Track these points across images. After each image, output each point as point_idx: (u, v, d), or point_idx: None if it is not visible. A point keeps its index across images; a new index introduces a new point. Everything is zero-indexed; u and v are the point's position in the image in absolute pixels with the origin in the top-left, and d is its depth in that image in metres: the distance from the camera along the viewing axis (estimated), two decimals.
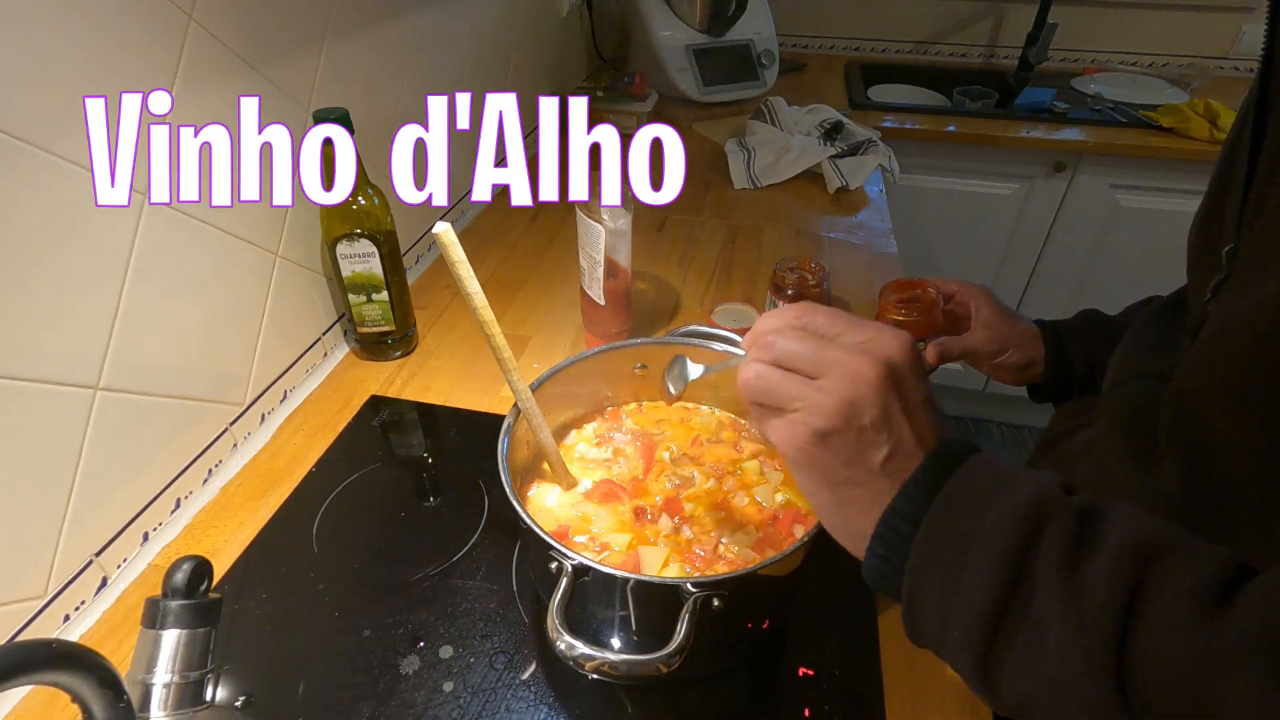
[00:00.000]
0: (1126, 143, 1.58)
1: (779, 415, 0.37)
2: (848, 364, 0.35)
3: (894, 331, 0.37)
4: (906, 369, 0.36)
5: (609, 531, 0.56)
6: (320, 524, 0.66)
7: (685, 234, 1.15)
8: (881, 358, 0.35)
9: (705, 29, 1.64)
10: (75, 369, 0.55)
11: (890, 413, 0.35)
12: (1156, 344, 0.56)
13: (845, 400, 0.35)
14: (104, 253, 0.56)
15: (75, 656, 0.29)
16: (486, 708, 0.52)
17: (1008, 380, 0.75)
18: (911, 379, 0.36)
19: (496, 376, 0.83)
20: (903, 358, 0.36)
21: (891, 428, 0.35)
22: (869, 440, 0.35)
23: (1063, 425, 0.68)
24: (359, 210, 0.76)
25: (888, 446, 0.35)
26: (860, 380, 0.35)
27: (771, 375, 0.37)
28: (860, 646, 0.56)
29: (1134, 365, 0.56)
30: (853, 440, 0.35)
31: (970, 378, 2.01)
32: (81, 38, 0.52)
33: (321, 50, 0.78)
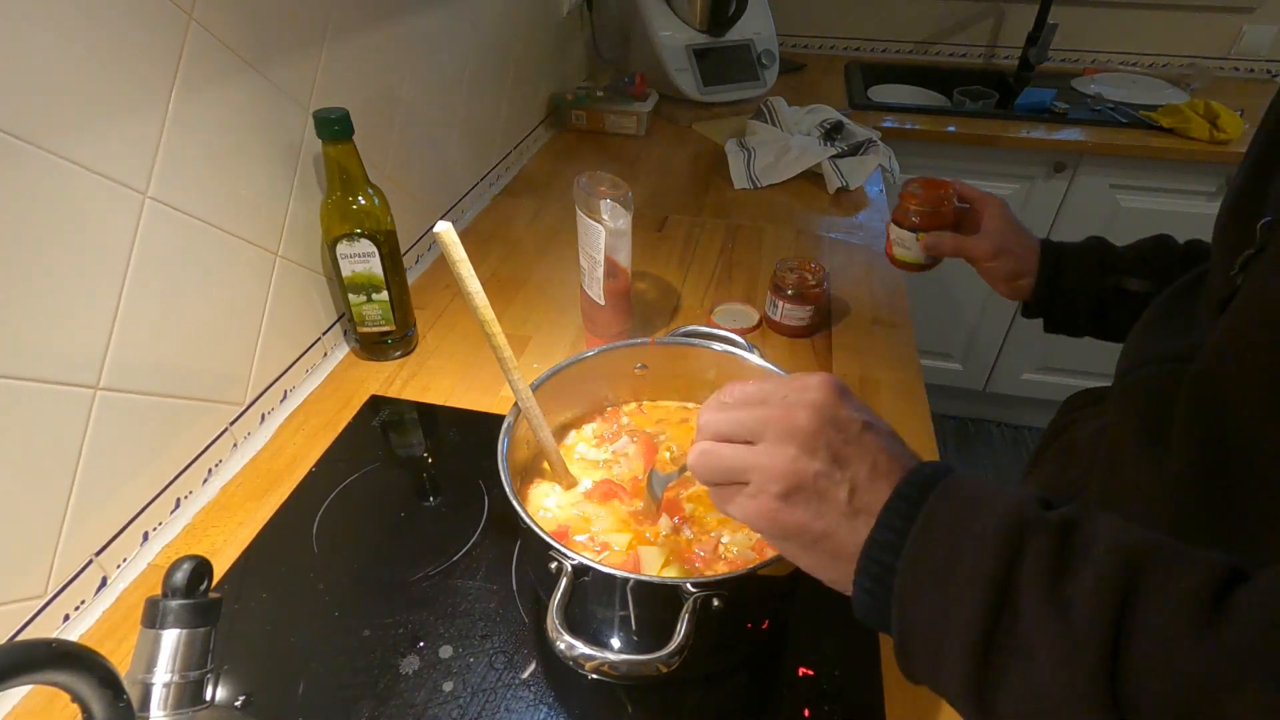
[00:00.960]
0: (1126, 143, 1.58)
1: (738, 493, 0.38)
2: (779, 420, 0.37)
3: (815, 376, 0.38)
4: (835, 403, 0.37)
5: (609, 531, 0.56)
6: (320, 524, 0.66)
7: (685, 234, 1.15)
8: (806, 403, 0.37)
9: (705, 29, 1.64)
10: (75, 369, 0.55)
11: (834, 449, 0.36)
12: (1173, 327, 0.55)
13: (790, 455, 0.36)
14: (104, 253, 0.56)
15: (75, 656, 0.29)
16: (486, 708, 0.52)
17: (1001, 290, 0.76)
18: (843, 411, 0.37)
19: (496, 376, 0.83)
20: (825, 395, 0.37)
21: (843, 464, 0.36)
22: (826, 485, 0.35)
23: (1070, 415, 0.69)
24: (359, 210, 0.76)
25: (847, 483, 0.35)
26: (795, 431, 0.36)
27: (717, 449, 0.38)
28: (860, 646, 0.56)
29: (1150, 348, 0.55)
30: (812, 491, 0.35)
31: (970, 377, 2.02)
32: (82, 37, 0.52)
33: (321, 50, 0.78)
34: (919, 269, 0.80)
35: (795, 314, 0.89)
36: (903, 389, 0.83)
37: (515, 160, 1.37)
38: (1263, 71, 1.88)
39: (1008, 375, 1.98)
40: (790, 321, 0.90)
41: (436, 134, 1.07)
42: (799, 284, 0.87)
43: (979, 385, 2.02)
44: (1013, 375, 1.98)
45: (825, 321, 0.94)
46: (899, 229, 0.77)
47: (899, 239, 0.79)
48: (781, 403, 0.37)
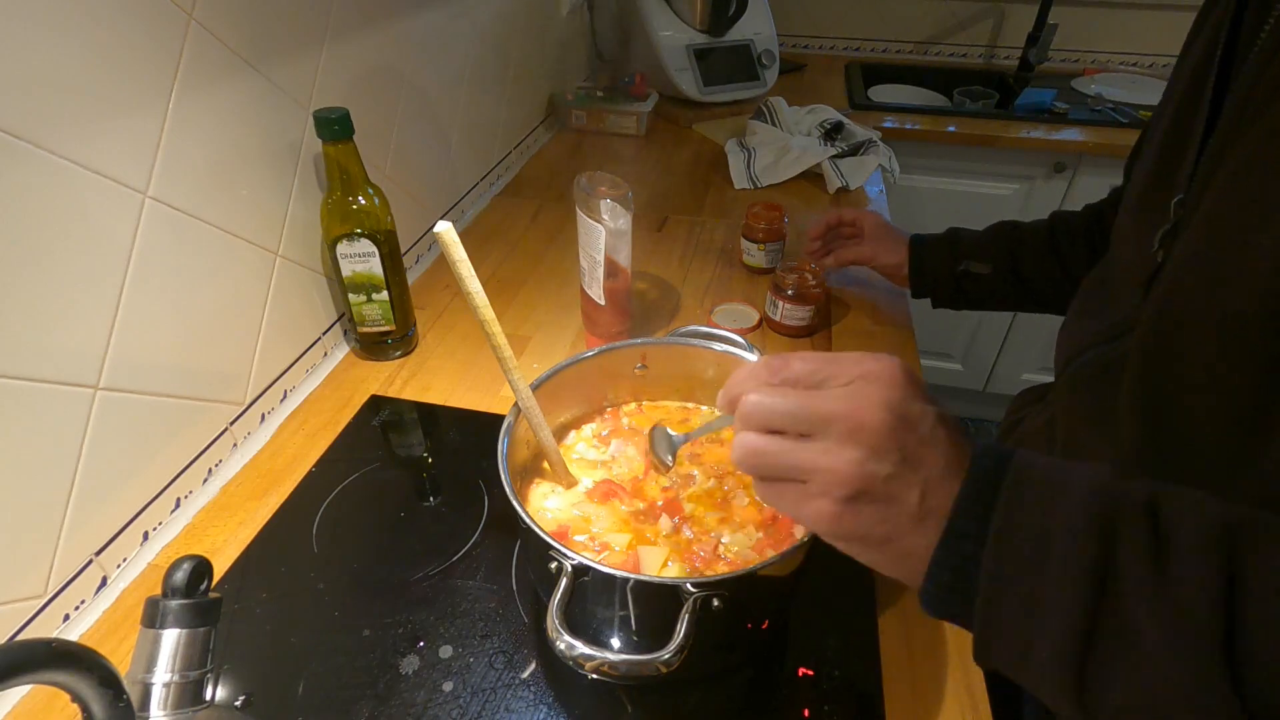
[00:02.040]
0: (1127, 143, 1.55)
1: (791, 488, 0.34)
2: (845, 416, 0.32)
3: (879, 359, 0.34)
4: (906, 396, 0.33)
5: (609, 531, 0.56)
6: (320, 524, 0.66)
7: (685, 234, 1.15)
8: (877, 398, 0.33)
9: (705, 29, 1.64)
10: (75, 369, 0.55)
11: (908, 451, 0.32)
12: (1096, 313, 0.57)
13: (856, 459, 0.32)
14: (104, 252, 0.56)
15: (75, 656, 0.29)
16: (486, 707, 0.52)
17: (895, 282, 0.93)
18: (915, 405, 0.33)
19: (496, 376, 0.83)
20: (898, 386, 0.33)
21: (915, 465, 0.33)
22: (897, 489, 0.32)
23: (1018, 414, 0.72)
24: (359, 210, 0.76)
25: (919, 486, 0.33)
26: (864, 430, 0.32)
27: (767, 447, 0.34)
28: (860, 646, 0.56)
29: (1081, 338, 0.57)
30: (880, 495, 0.33)
31: (970, 378, 2.02)
32: (82, 37, 0.52)
33: (322, 50, 0.78)
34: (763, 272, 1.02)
35: (795, 314, 0.89)
36: None
37: (515, 160, 1.37)
38: None
39: (1008, 375, 1.98)
40: (790, 321, 0.90)
41: (436, 134, 1.07)
42: (799, 284, 0.88)
43: (979, 385, 2.02)
44: (1013, 375, 1.98)
45: (825, 321, 0.94)
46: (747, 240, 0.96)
47: (746, 249, 1.04)
48: (845, 394, 0.33)
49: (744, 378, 0.36)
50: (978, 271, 0.84)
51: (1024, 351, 1.92)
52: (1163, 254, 0.47)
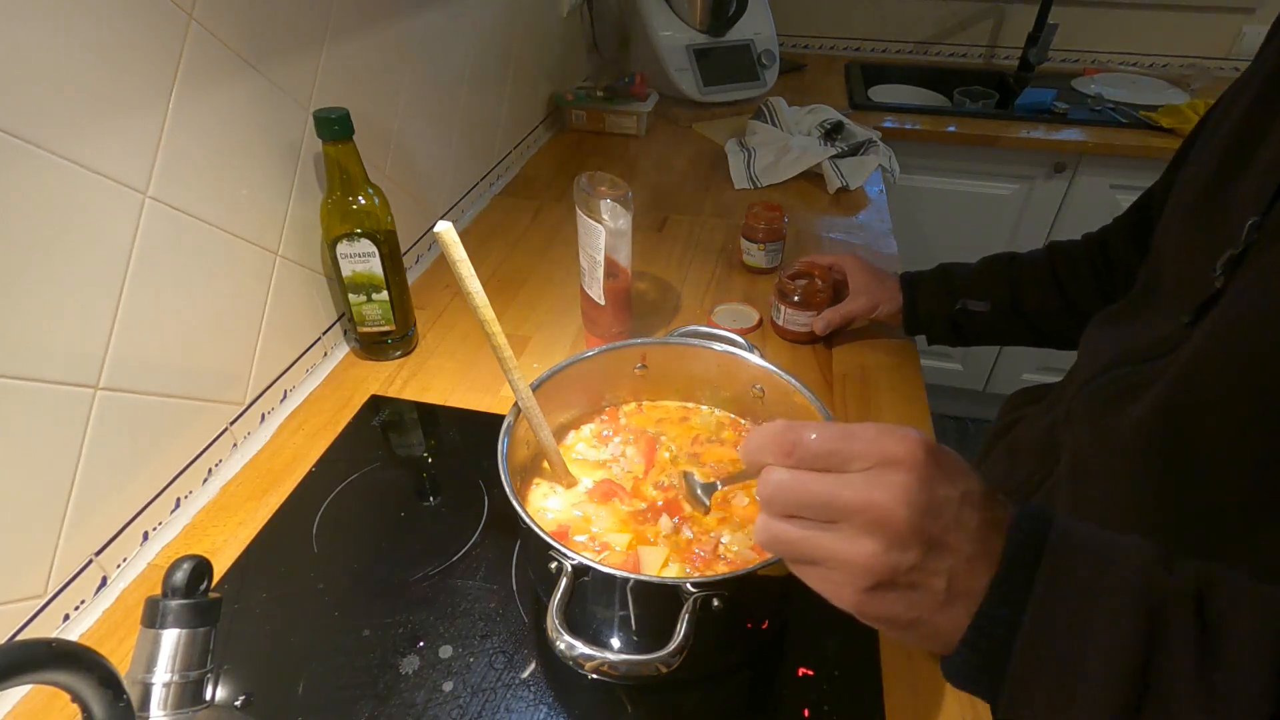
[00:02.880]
0: (1127, 143, 1.58)
1: (817, 570, 0.34)
2: (866, 508, 0.31)
3: (898, 438, 0.32)
4: (930, 480, 0.31)
5: (609, 531, 0.56)
6: (320, 524, 0.66)
7: (685, 234, 1.15)
8: (898, 488, 0.31)
9: (705, 29, 1.64)
10: (75, 369, 0.55)
11: (931, 539, 0.31)
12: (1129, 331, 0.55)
13: (877, 552, 0.31)
14: (104, 252, 0.56)
15: (75, 656, 0.29)
16: (486, 707, 0.52)
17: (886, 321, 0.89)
18: (940, 489, 0.31)
19: (496, 376, 0.83)
20: (919, 472, 0.31)
21: (940, 553, 0.31)
22: (921, 578, 0.31)
23: (1013, 414, 0.71)
24: (359, 210, 0.76)
25: (945, 574, 0.31)
26: (886, 523, 0.31)
27: (789, 535, 0.33)
28: (860, 646, 0.56)
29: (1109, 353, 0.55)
30: (904, 584, 0.31)
31: (970, 378, 2.02)
32: (82, 37, 0.52)
33: (322, 50, 0.78)
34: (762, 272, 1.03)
35: (799, 320, 0.88)
36: (903, 389, 0.83)
37: (515, 160, 1.37)
38: None
39: (1008, 375, 1.98)
40: (794, 327, 0.89)
41: (436, 134, 1.07)
42: (806, 291, 0.87)
43: (979, 385, 2.02)
44: (1013, 375, 1.98)
45: None
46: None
47: (746, 249, 1.03)
48: (866, 482, 0.31)
49: (761, 445, 0.34)
50: (975, 309, 0.81)
51: (1024, 352, 1.92)
52: (1223, 280, 0.43)
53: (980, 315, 0.81)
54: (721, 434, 0.65)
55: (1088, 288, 0.75)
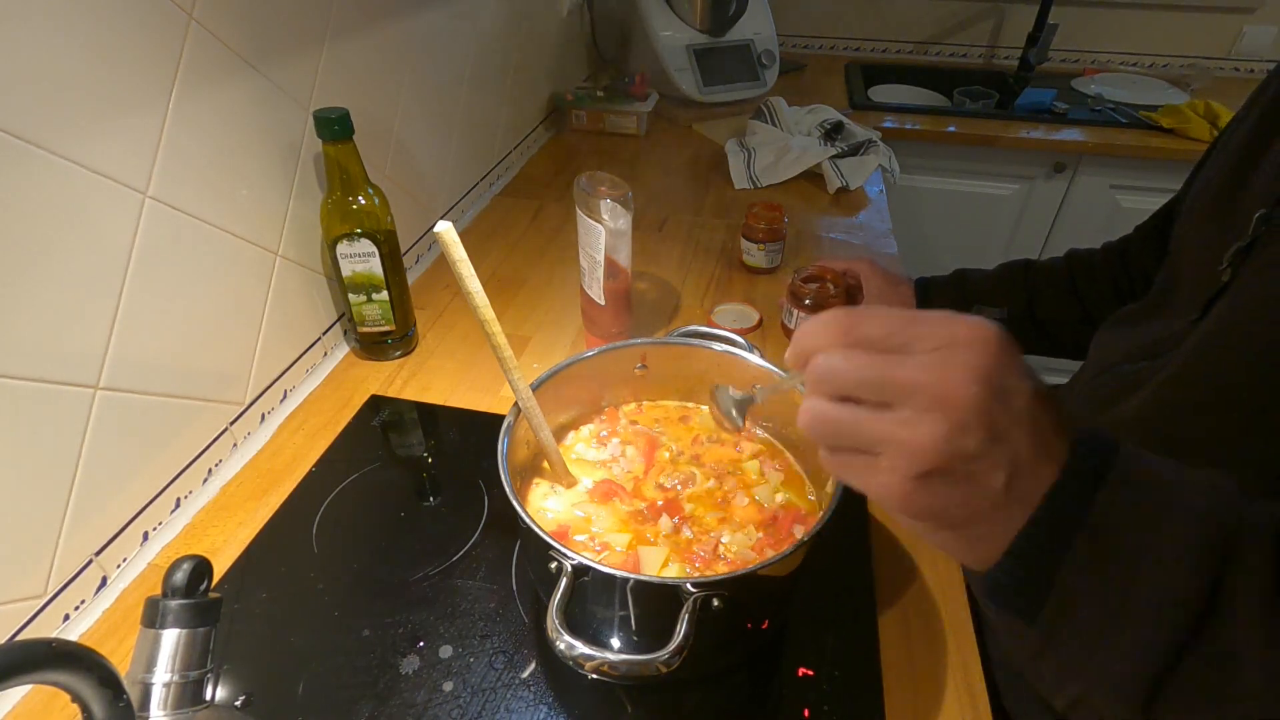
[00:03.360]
0: (1127, 143, 1.58)
1: (860, 459, 0.31)
2: (931, 385, 0.28)
3: (971, 322, 0.29)
4: (1002, 366, 0.29)
5: (609, 531, 0.56)
6: (320, 524, 0.66)
7: (685, 234, 1.15)
8: (969, 366, 0.28)
9: (706, 29, 1.64)
10: (75, 369, 0.55)
11: (998, 429, 0.28)
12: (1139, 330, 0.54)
13: (938, 433, 0.28)
14: (104, 252, 0.56)
15: (75, 656, 0.29)
16: (486, 707, 0.52)
17: None
18: (1012, 376, 0.29)
19: (496, 376, 0.83)
20: (993, 354, 0.29)
21: (1004, 444, 0.29)
22: (980, 469, 0.29)
23: None
24: (359, 210, 0.76)
25: (1005, 469, 0.29)
26: (950, 403, 0.28)
27: (840, 416, 0.30)
28: (860, 646, 0.56)
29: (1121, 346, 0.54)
30: (960, 474, 0.29)
31: None
32: (82, 37, 0.52)
33: (322, 50, 0.78)
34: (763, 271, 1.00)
35: None
36: None
37: (515, 160, 1.37)
38: (1263, 72, 1.87)
39: None
40: None
41: (436, 134, 1.07)
42: (819, 294, 0.85)
43: None
44: None
45: None
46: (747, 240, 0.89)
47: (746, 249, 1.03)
48: (932, 361, 0.29)
49: (814, 331, 0.31)
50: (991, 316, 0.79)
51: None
52: (1230, 273, 0.43)
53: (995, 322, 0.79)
54: (721, 434, 0.65)
55: (1105, 297, 0.73)
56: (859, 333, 0.30)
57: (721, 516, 0.57)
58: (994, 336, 0.29)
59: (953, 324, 0.29)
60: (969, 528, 0.30)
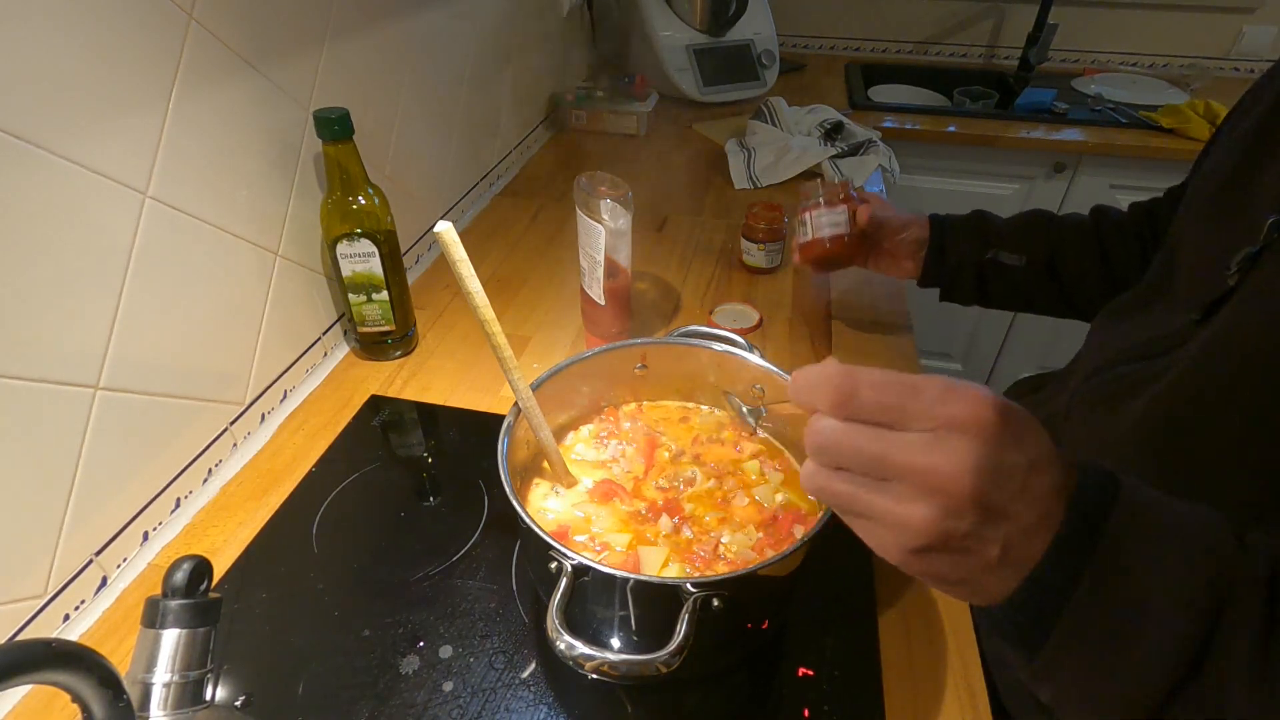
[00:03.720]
0: (1127, 143, 1.58)
1: (860, 520, 0.32)
2: (925, 470, 0.29)
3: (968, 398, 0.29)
4: (999, 448, 0.28)
5: (609, 531, 0.56)
6: (320, 524, 0.66)
7: (685, 234, 1.15)
8: (963, 455, 0.28)
9: (705, 29, 1.64)
10: (75, 369, 0.55)
11: (992, 510, 0.29)
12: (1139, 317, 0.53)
13: (930, 517, 0.29)
14: (104, 252, 0.56)
15: (75, 656, 0.29)
16: (486, 707, 0.52)
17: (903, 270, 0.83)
18: (1010, 453, 0.28)
19: (496, 376, 0.83)
20: (990, 438, 0.28)
21: (998, 521, 0.29)
22: (974, 545, 0.29)
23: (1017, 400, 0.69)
24: (359, 210, 0.76)
25: (999, 543, 0.29)
26: (944, 489, 0.28)
27: (838, 489, 0.31)
28: (860, 646, 0.56)
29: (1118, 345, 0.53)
30: (956, 549, 0.30)
31: (970, 378, 2.01)
32: (82, 37, 0.52)
33: (322, 50, 0.78)
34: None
35: (832, 220, 0.79)
36: None
37: (515, 160, 1.37)
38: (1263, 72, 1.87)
39: (1008, 375, 1.98)
40: (830, 230, 0.79)
41: (436, 134, 1.07)
42: (828, 191, 0.80)
43: None
44: (1013, 375, 1.97)
45: (859, 249, 0.83)
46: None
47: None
48: (926, 445, 0.29)
49: (812, 386, 0.31)
50: (1008, 263, 0.75)
51: (1024, 352, 1.92)
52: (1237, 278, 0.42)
53: (1011, 271, 0.75)
54: (721, 434, 0.65)
55: (1132, 258, 0.71)
56: (856, 402, 0.30)
57: (721, 516, 0.57)
58: (991, 417, 0.29)
59: (951, 401, 0.29)
60: (968, 585, 0.31)
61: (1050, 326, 1.83)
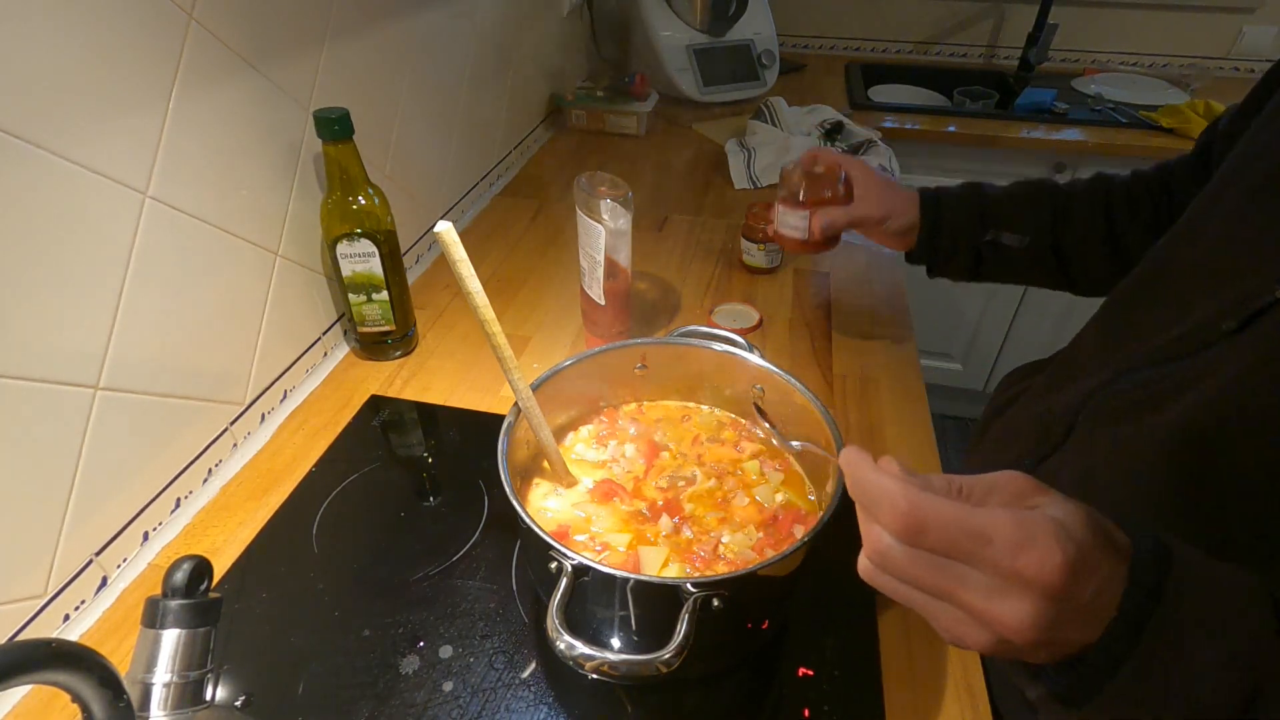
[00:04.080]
0: (1127, 143, 1.58)
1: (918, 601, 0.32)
2: (987, 614, 0.29)
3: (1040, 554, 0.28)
4: (1068, 597, 0.29)
5: (609, 531, 0.56)
6: (320, 524, 0.66)
7: (685, 234, 1.15)
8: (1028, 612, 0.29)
9: (705, 29, 1.64)
10: (75, 369, 0.55)
11: (1049, 638, 0.30)
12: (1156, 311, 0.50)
13: (986, 642, 0.30)
14: (104, 252, 0.56)
15: (75, 656, 0.29)
16: (486, 707, 0.52)
17: (892, 245, 0.76)
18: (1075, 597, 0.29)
19: (496, 376, 0.83)
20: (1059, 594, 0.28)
21: (1052, 644, 0.30)
22: (1029, 651, 0.30)
23: (1010, 391, 0.68)
24: (359, 210, 0.76)
25: (1048, 647, 0.30)
26: (1003, 638, 0.30)
27: (896, 591, 0.32)
28: (860, 646, 0.56)
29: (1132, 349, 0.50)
30: (1011, 652, 0.31)
31: (970, 378, 2.02)
32: (82, 37, 0.52)
33: (322, 50, 0.78)
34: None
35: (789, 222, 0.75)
36: (903, 389, 0.83)
37: (515, 160, 1.37)
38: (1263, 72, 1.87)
39: None
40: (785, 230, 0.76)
41: (436, 134, 1.07)
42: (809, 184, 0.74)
43: (979, 385, 2.02)
44: None
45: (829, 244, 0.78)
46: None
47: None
48: (990, 591, 0.29)
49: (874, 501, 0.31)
50: (1009, 244, 0.70)
51: (1024, 351, 1.91)
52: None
53: (1010, 250, 0.70)
54: (721, 434, 0.65)
55: (1145, 230, 0.67)
56: (923, 539, 0.30)
57: (721, 516, 0.57)
58: (1060, 576, 0.28)
59: (1022, 555, 0.28)
60: (1016, 659, 0.32)
61: (1051, 325, 1.84)
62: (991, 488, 0.32)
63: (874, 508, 0.31)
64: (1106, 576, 0.30)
